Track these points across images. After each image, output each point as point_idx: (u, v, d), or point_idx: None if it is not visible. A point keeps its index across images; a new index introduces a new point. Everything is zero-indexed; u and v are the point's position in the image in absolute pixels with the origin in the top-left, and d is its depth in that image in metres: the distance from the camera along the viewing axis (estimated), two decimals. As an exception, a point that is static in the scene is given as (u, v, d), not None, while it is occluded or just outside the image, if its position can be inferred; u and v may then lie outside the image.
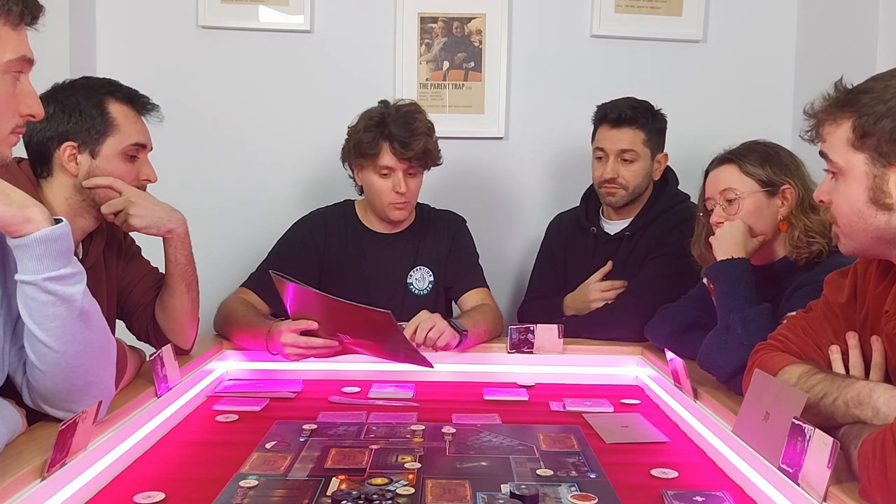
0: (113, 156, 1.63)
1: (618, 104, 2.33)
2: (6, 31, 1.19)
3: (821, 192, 1.30)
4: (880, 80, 1.19)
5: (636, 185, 2.32)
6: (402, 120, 2.14)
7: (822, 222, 1.70)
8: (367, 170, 2.19)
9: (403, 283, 2.27)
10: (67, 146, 1.59)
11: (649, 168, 2.34)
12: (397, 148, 2.12)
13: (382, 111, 2.17)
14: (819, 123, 1.26)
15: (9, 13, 1.18)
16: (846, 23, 2.50)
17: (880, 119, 1.15)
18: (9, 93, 1.21)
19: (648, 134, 2.32)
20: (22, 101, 1.24)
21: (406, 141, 2.12)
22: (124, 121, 1.64)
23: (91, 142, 1.61)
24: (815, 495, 1.09)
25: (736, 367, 1.59)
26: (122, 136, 1.63)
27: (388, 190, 2.17)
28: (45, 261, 1.20)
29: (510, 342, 2.04)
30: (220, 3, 2.68)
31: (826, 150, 1.25)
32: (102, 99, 1.63)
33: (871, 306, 1.31)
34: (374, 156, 2.14)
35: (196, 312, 1.85)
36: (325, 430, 1.59)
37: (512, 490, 1.26)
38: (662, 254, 2.24)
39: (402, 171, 2.15)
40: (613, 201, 2.35)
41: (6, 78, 1.20)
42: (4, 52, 1.18)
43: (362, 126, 2.16)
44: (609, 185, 2.32)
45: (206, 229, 2.68)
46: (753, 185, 1.80)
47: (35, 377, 1.27)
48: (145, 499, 1.25)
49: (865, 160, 1.18)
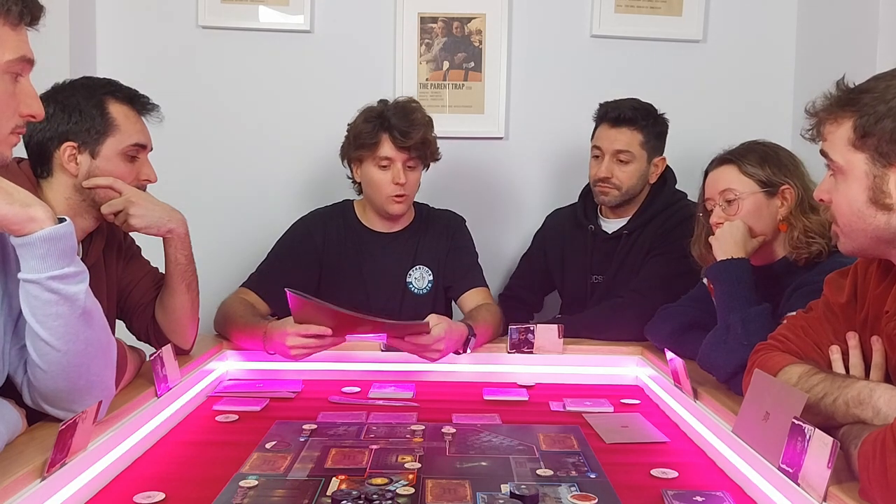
0: (113, 156, 1.63)
1: (620, 104, 2.32)
2: (6, 32, 1.18)
3: (821, 191, 1.30)
4: (882, 79, 1.19)
5: (630, 186, 2.32)
6: (402, 112, 2.16)
7: (821, 222, 1.70)
8: (366, 162, 2.20)
9: (403, 282, 2.27)
10: (67, 146, 1.59)
11: (645, 171, 2.33)
12: (397, 137, 2.13)
13: (381, 105, 2.20)
14: (820, 122, 1.26)
15: (8, 13, 1.18)
16: (846, 23, 2.50)
17: (881, 119, 1.15)
18: (8, 93, 1.21)
19: (647, 136, 2.31)
20: (22, 101, 1.23)
21: (405, 130, 2.13)
22: (124, 121, 1.64)
23: (91, 142, 1.61)
24: (815, 495, 1.09)
25: (736, 367, 1.59)
26: (122, 137, 1.63)
27: (388, 182, 2.17)
28: (48, 259, 1.20)
29: (510, 342, 2.04)
30: (220, 3, 2.68)
31: (826, 150, 1.25)
32: (102, 99, 1.63)
33: (871, 306, 1.31)
34: (373, 146, 2.16)
35: (196, 312, 1.85)
36: (325, 430, 1.59)
37: (512, 490, 1.26)
38: (661, 253, 2.24)
39: (402, 162, 2.16)
40: (606, 200, 2.35)
41: (6, 78, 1.20)
42: (4, 53, 1.18)
43: (361, 119, 2.19)
44: (603, 184, 2.32)
45: (205, 229, 2.67)
46: (753, 186, 1.80)
47: (36, 376, 1.27)
48: (145, 499, 1.25)
49: (866, 160, 1.18)
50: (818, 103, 1.27)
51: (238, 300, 2.13)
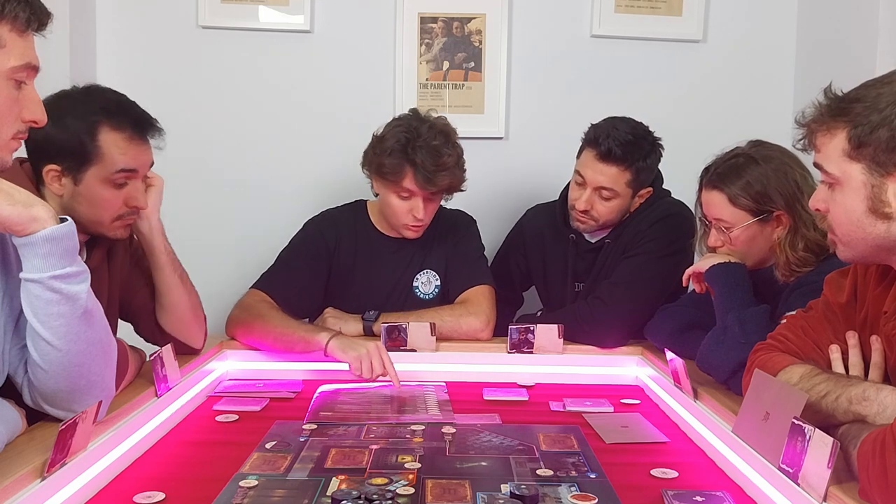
0: (96, 183, 1.56)
1: (612, 134, 2.10)
2: (12, 38, 1.18)
3: (816, 200, 1.28)
4: (872, 87, 1.18)
5: (609, 219, 2.18)
6: (432, 150, 2.06)
7: (817, 242, 1.67)
8: (385, 188, 2.14)
9: (409, 287, 2.25)
10: (51, 169, 1.54)
11: (627, 205, 2.18)
12: (420, 180, 2.06)
13: (410, 133, 2.07)
14: (812, 133, 1.25)
15: (15, 19, 1.17)
16: (846, 23, 2.50)
17: (876, 129, 1.14)
18: (12, 98, 1.20)
19: (635, 173, 2.12)
20: (25, 106, 1.23)
21: (431, 176, 2.05)
22: (112, 149, 1.56)
23: (73, 168, 1.55)
24: (815, 495, 1.09)
25: (734, 367, 1.59)
26: (105, 165, 1.56)
27: (406, 212, 2.13)
28: (50, 259, 1.20)
29: (510, 342, 2.04)
30: (220, 3, 2.68)
31: (821, 162, 1.24)
32: (95, 124, 1.55)
33: (870, 307, 1.31)
34: (395, 181, 2.09)
35: (198, 307, 1.85)
36: (325, 430, 1.59)
37: (512, 490, 1.26)
38: (637, 253, 2.15)
39: (423, 197, 2.11)
40: (582, 229, 2.23)
41: (10, 84, 1.19)
42: (9, 59, 1.18)
43: (389, 147, 2.07)
44: (581, 214, 2.17)
45: (204, 228, 2.69)
46: (745, 217, 1.76)
47: (37, 376, 1.27)
48: (145, 499, 1.25)
49: (863, 170, 1.17)
50: (808, 113, 1.25)
51: (264, 302, 2.07)
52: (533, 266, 2.41)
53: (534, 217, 2.45)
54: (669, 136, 2.39)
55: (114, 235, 1.65)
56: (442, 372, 1.98)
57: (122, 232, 1.66)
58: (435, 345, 2.03)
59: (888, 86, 1.16)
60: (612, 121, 2.16)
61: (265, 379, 1.97)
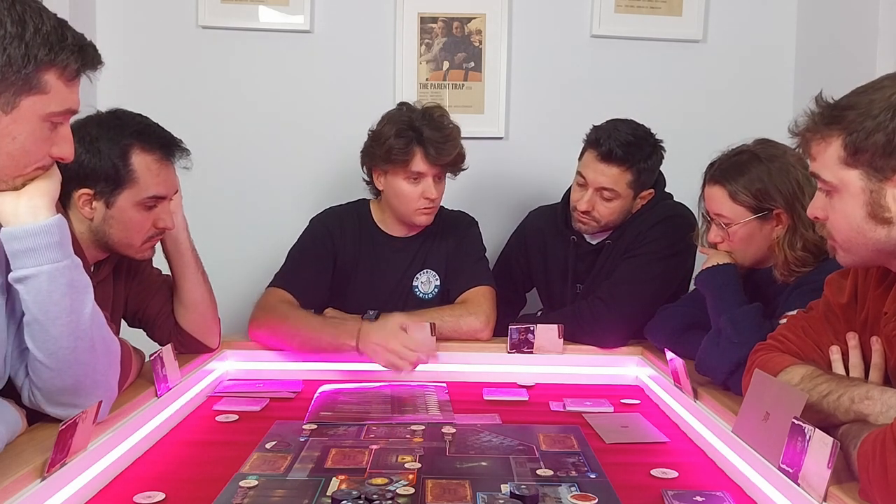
0: (128, 207, 1.60)
1: (613, 135, 2.11)
2: (59, 86, 1.18)
3: (815, 208, 1.28)
4: (863, 94, 1.18)
5: (610, 220, 2.18)
6: (435, 124, 2.09)
7: (815, 243, 1.67)
8: (394, 175, 2.14)
9: (409, 286, 2.25)
10: (83, 193, 1.57)
11: (629, 206, 2.19)
12: (431, 154, 2.08)
13: (409, 115, 2.11)
14: (806, 142, 1.25)
15: (65, 69, 1.18)
16: (846, 23, 2.50)
17: (871, 134, 1.14)
18: (44, 138, 1.21)
19: (636, 174, 2.13)
20: (56, 143, 1.23)
21: (441, 146, 2.08)
22: (145, 173, 1.60)
23: (107, 192, 1.58)
24: (815, 495, 1.09)
25: (731, 367, 1.60)
26: (138, 189, 1.60)
27: (417, 196, 2.13)
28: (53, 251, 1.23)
29: (510, 342, 2.04)
30: (220, 3, 2.68)
31: (817, 171, 1.24)
32: (127, 147, 1.59)
33: (871, 307, 1.31)
34: (405, 162, 2.09)
35: (215, 304, 1.87)
36: (325, 430, 1.59)
37: (512, 490, 1.26)
38: (638, 253, 2.15)
39: (433, 176, 2.12)
40: (584, 230, 2.23)
41: (45, 125, 1.19)
42: (50, 104, 1.18)
43: (392, 132, 2.09)
44: (583, 215, 2.18)
45: (204, 228, 2.68)
46: (745, 213, 1.76)
47: (42, 375, 1.27)
48: (145, 499, 1.25)
49: (860, 176, 1.17)
50: (801, 122, 1.25)
51: (285, 303, 2.06)
52: (534, 267, 2.41)
53: (535, 218, 2.46)
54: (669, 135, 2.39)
55: (141, 257, 1.69)
56: (442, 372, 1.98)
57: (150, 253, 1.70)
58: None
59: (879, 91, 1.16)
60: (614, 122, 2.17)
61: (265, 379, 1.97)
